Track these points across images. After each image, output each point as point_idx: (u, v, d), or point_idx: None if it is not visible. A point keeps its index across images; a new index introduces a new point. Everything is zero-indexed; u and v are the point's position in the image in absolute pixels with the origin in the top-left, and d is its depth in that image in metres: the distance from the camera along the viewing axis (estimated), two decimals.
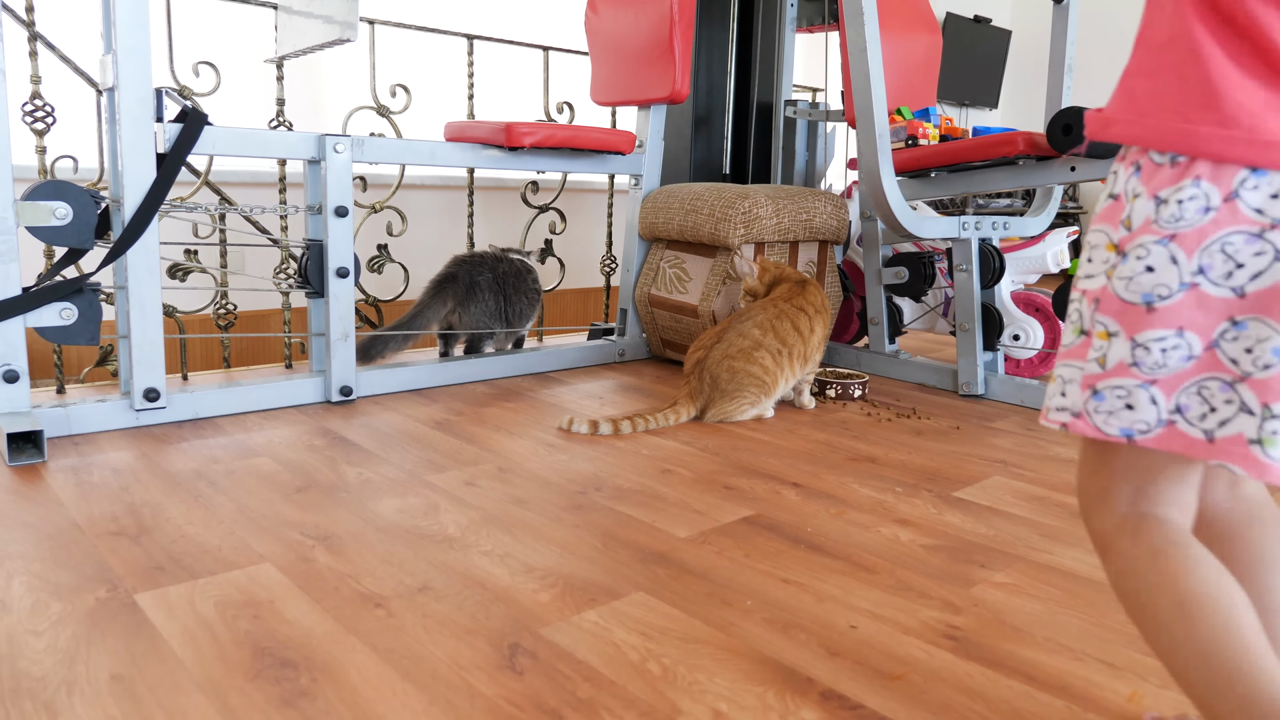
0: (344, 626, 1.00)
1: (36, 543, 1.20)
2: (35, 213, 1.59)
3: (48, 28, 2.62)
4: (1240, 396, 0.63)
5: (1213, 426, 0.64)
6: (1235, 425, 0.63)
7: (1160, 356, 0.65)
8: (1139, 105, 0.67)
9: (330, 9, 1.86)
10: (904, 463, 1.68)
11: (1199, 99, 0.63)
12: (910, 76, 2.63)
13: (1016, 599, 1.12)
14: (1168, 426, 0.66)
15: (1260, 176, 0.61)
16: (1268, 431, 0.62)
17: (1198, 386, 0.65)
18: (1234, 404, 0.63)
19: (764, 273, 2.08)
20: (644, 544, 1.26)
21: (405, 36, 3.42)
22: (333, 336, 1.95)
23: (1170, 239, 0.64)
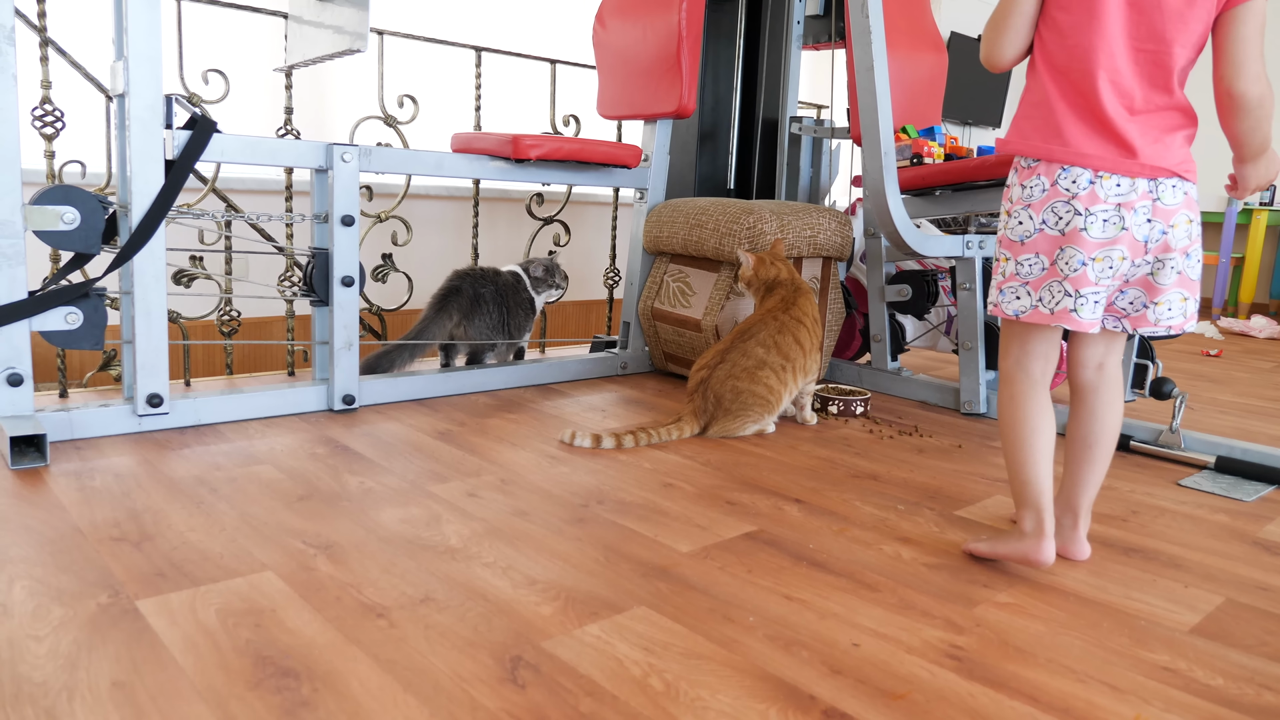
0: (346, 636, 1.00)
1: (38, 547, 1.19)
2: (43, 217, 1.60)
3: (59, 33, 2.64)
4: (1064, 288, 1.19)
5: (1053, 306, 1.20)
6: (1064, 304, 1.20)
7: (1028, 269, 1.22)
8: (1023, 134, 1.23)
9: (341, 19, 1.87)
10: (906, 480, 1.68)
11: (1050, 132, 1.20)
12: (916, 95, 2.65)
13: (1019, 619, 1.12)
14: (1033, 310, 1.22)
15: (1069, 171, 1.18)
16: (1078, 304, 1.19)
17: (1047, 285, 1.21)
18: (1062, 292, 1.19)
19: (762, 267, 2.06)
20: (646, 558, 1.26)
21: (414, 47, 3.44)
22: (336, 345, 1.95)
23: (1027, 206, 1.22)
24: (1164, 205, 1.17)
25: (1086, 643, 1.07)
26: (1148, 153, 1.16)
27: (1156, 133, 1.17)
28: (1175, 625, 1.13)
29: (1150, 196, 1.17)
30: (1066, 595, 1.20)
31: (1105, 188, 1.16)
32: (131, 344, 1.72)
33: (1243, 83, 1.14)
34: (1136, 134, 1.16)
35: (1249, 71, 1.14)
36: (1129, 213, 1.17)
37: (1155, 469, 1.83)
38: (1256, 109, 1.15)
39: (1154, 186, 1.17)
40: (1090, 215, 1.17)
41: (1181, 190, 1.18)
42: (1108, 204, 1.17)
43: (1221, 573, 1.30)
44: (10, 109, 1.54)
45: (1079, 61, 1.17)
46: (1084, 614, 1.14)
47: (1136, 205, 1.17)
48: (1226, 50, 1.15)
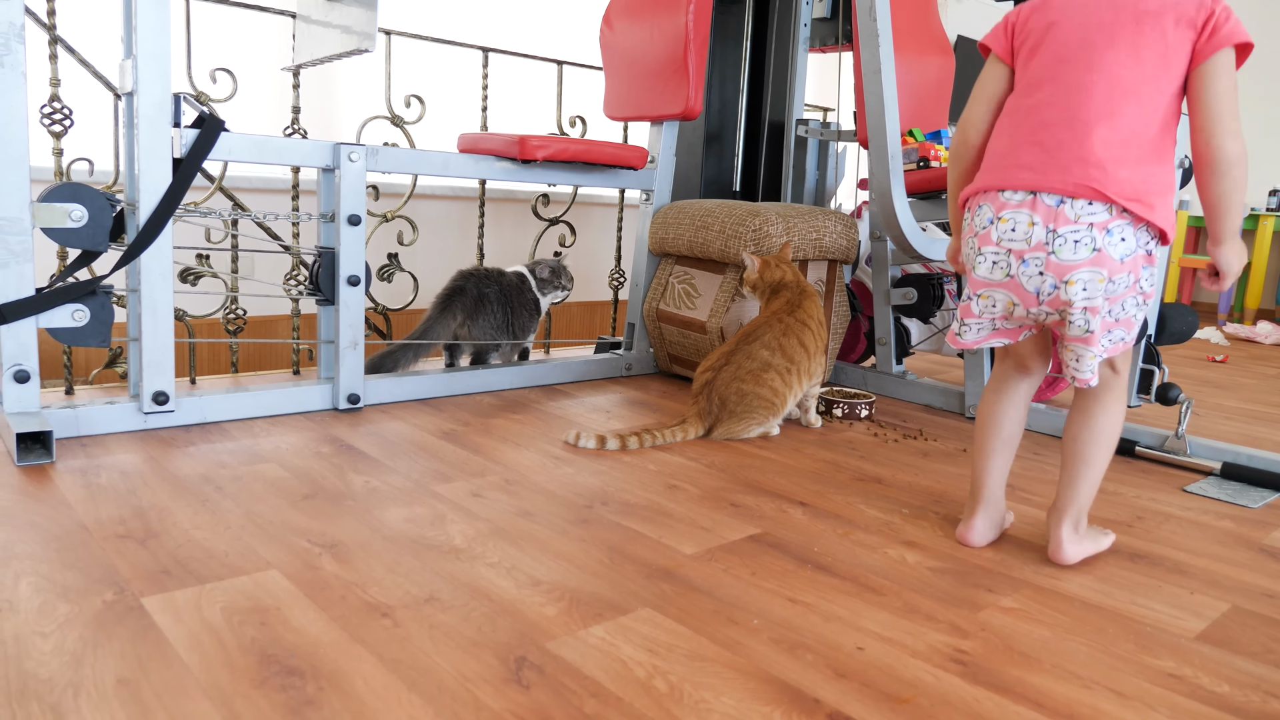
0: (350, 635, 1.00)
1: (44, 543, 1.20)
2: (51, 214, 1.60)
3: (68, 31, 2.64)
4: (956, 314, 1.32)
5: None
6: (954, 326, 1.32)
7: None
8: (980, 177, 1.27)
9: (349, 19, 1.87)
10: (911, 484, 1.68)
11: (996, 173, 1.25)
12: (923, 98, 2.64)
13: (1024, 624, 1.12)
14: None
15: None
16: (961, 329, 1.31)
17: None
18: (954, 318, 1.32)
19: (768, 270, 2.05)
20: (650, 560, 1.25)
21: (421, 48, 3.44)
22: (342, 344, 1.96)
23: (974, 236, 1.26)
24: (1059, 260, 1.17)
25: (1091, 648, 1.06)
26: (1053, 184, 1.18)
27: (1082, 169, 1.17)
28: (1181, 632, 1.12)
29: (1044, 248, 1.17)
30: (1071, 600, 1.20)
31: (999, 229, 1.21)
32: (138, 341, 1.72)
33: (1220, 138, 1.14)
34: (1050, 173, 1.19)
35: (1226, 127, 1.14)
36: (1015, 260, 1.20)
37: (1161, 475, 1.82)
38: (1235, 166, 1.14)
39: (1050, 238, 1.17)
40: (980, 255, 1.24)
41: (1090, 245, 1.16)
42: (999, 246, 1.21)
43: (1227, 579, 1.30)
44: (19, 107, 1.54)
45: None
46: (1089, 619, 1.14)
47: (1027, 256, 1.19)
48: (1202, 107, 1.16)
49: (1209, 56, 1.15)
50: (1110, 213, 1.16)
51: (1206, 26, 1.15)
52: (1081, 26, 1.23)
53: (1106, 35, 1.20)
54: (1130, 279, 1.19)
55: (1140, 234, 1.18)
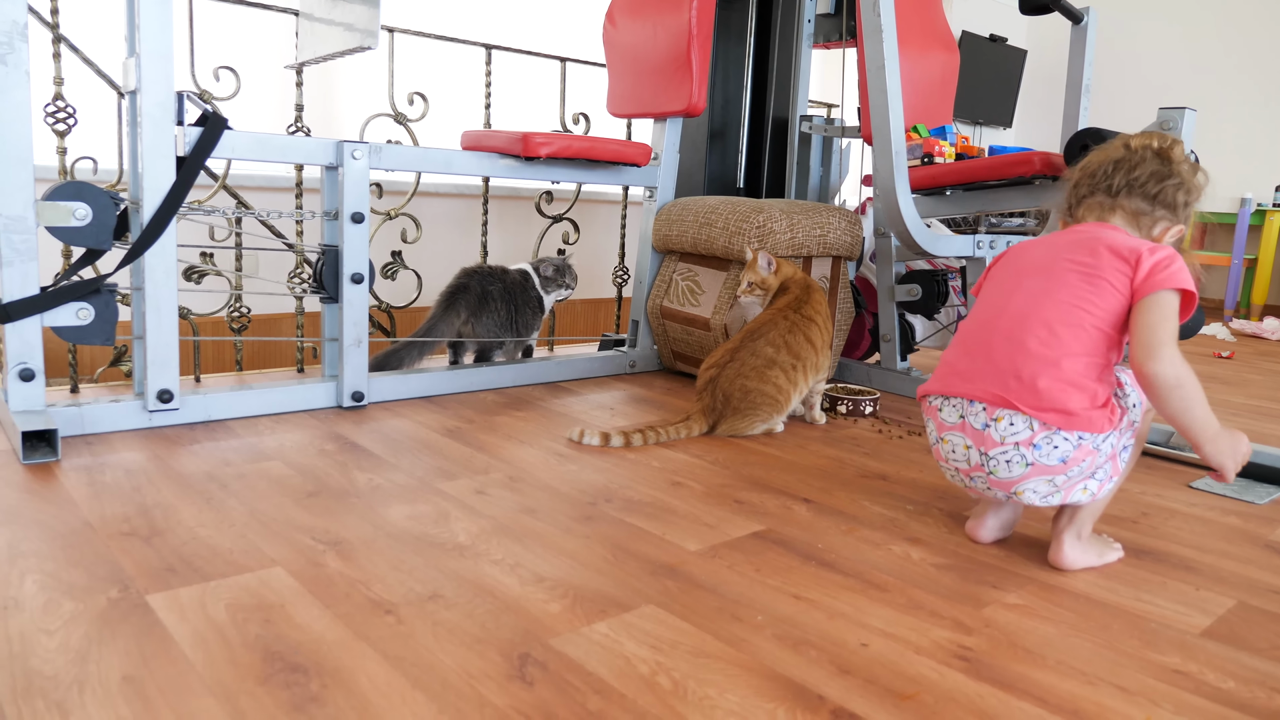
0: (354, 633, 1.00)
1: (49, 541, 1.20)
2: (55, 213, 1.60)
3: (71, 29, 2.65)
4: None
5: None
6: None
7: None
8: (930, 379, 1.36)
9: (352, 17, 1.87)
10: (915, 481, 1.67)
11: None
12: (927, 94, 2.64)
13: (1028, 621, 1.11)
14: None
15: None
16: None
17: None
18: None
19: (772, 275, 2.05)
20: (654, 556, 1.25)
21: (424, 45, 3.44)
22: (346, 342, 1.96)
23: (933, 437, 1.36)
24: (1000, 479, 1.25)
25: (1096, 645, 1.06)
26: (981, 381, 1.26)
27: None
28: (1186, 628, 1.12)
29: (982, 469, 1.26)
30: (1076, 597, 1.19)
31: (945, 449, 1.32)
32: (142, 340, 1.73)
33: (1151, 364, 1.15)
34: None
35: (1158, 354, 1.15)
36: (963, 477, 1.31)
37: (1166, 471, 1.82)
38: (1174, 390, 1.15)
39: (985, 460, 1.25)
40: (941, 462, 1.35)
41: (1022, 462, 1.22)
42: (948, 464, 1.32)
43: (1233, 575, 1.30)
44: (23, 106, 1.54)
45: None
46: (1094, 616, 1.14)
47: (972, 474, 1.28)
48: (1135, 335, 1.19)
49: (1143, 296, 1.19)
50: (1032, 427, 1.20)
51: (1139, 267, 1.20)
52: (1027, 256, 1.32)
53: (1045, 259, 1.28)
54: (1084, 466, 1.21)
55: (1075, 437, 1.19)
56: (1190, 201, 1.31)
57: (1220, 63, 5.41)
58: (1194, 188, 1.30)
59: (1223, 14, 5.42)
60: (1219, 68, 5.42)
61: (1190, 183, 1.30)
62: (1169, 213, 1.30)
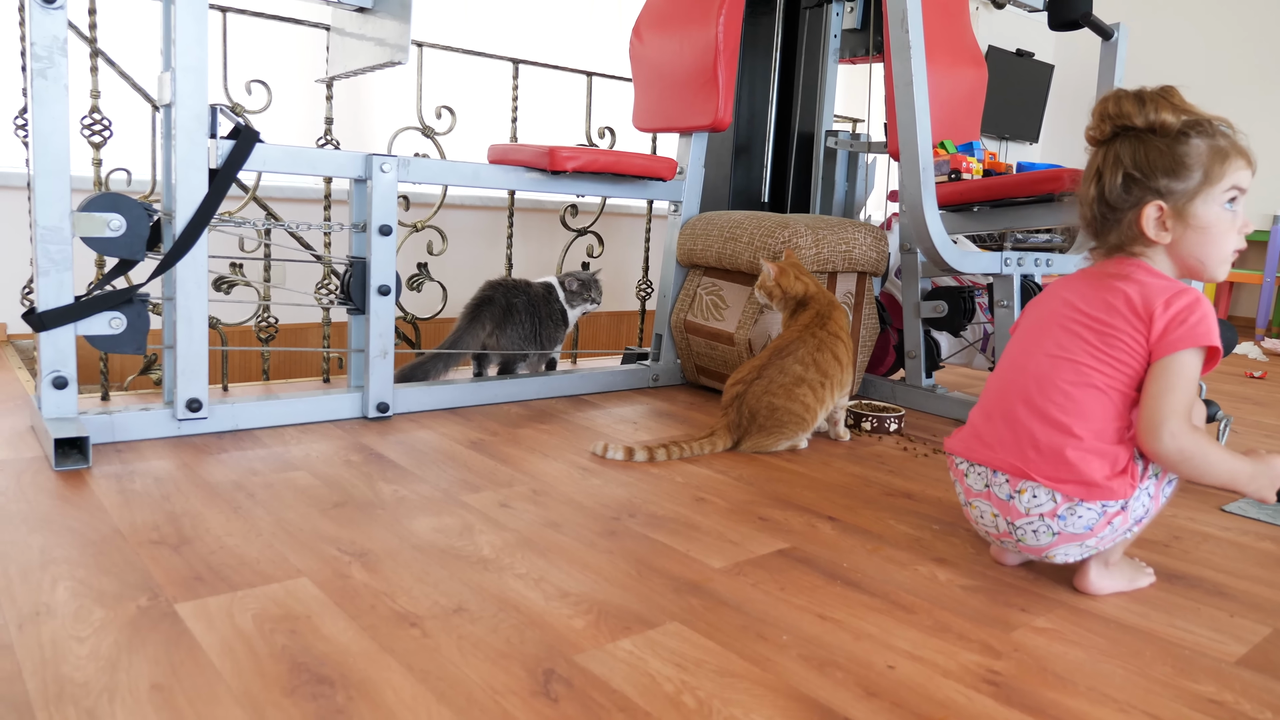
0: (380, 645, 1.00)
1: (81, 548, 1.21)
2: (90, 223, 1.63)
3: (108, 44, 2.69)
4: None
5: None
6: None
7: None
8: (955, 435, 1.35)
9: (383, 32, 1.90)
10: (941, 500, 1.66)
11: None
12: (955, 110, 2.63)
13: (1058, 645, 1.10)
14: None
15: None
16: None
17: None
18: None
19: (784, 278, 2.00)
20: (678, 573, 1.25)
21: (452, 59, 3.47)
22: (372, 353, 1.97)
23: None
24: (1029, 545, 1.23)
25: (1128, 671, 1.05)
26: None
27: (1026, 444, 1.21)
28: (1221, 656, 1.10)
29: (1010, 536, 1.24)
30: (1107, 622, 1.18)
31: (974, 513, 1.30)
32: (172, 349, 1.75)
33: (1151, 443, 1.12)
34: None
35: (1159, 432, 1.11)
36: (995, 540, 1.29)
37: (1198, 494, 1.79)
38: (1182, 465, 1.13)
39: (1012, 529, 1.23)
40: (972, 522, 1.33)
41: (1049, 532, 1.20)
42: (978, 525, 1.30)
43: (1268, 602, 1.27)
44: (61, 118, 1.57)
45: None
46: (1125, 642, 1.12)
47: (1003, 539, 1.26)
48: (1141, 406, 1.15)
49: (1158, 358, 1.14)
50: (1054, 499, 1.18)
51: (1153, 325, 1.14)
52: (1050, 305, 1.26)
53: (1065, 314, 1.22)
54: (1116, 527, 1.19)
55: (1100, 506, 1.17)
56: (1177, 165, 1.15)
57: (1250, 78, 5.36)
58: (1158, 155, 1.15)
59: (1253, 29, 5.36)
60: (1249, 84, 5.36)
61: (1155, 153, 1.15)
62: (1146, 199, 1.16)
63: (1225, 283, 5.28)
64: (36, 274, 1.60)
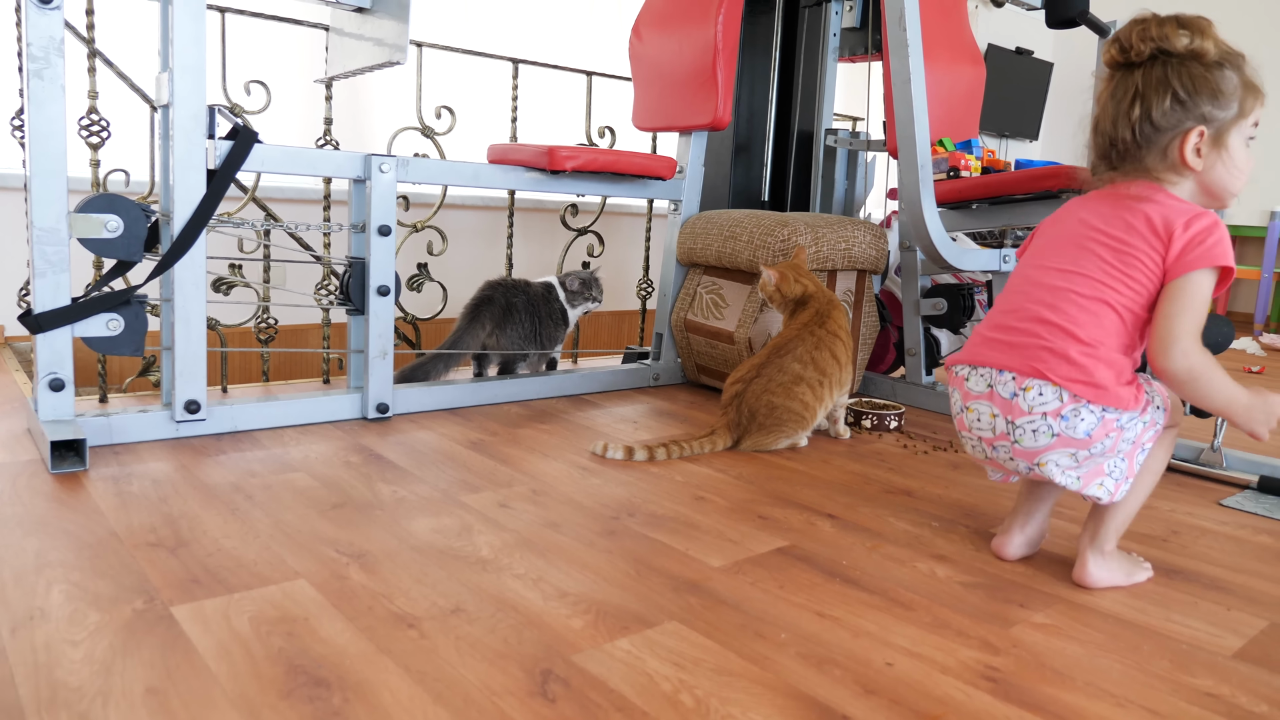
0: (377, 646, 1.00)
1: (76, 551, 1.21)
2: (87, 225, 1.63)
3: (105, 44, 2.69)
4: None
5: None
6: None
7: None
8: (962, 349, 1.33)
9: (381, 32, 1.89)
10: (941, 497, 1.65)
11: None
12: (953, 108, 2.62)
13: (1057, 640, 1.10)
14: None
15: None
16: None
17: None
18: None
19: (785, 283, 2.01)
20: (677, 572, 1.25)
21: (451, 59, 3.47)
22: (371, 353, 1.97)
23: (955, 409, 1.34)
24: (1024, 448, 1.23)
25: (1126, 666, 1.04)
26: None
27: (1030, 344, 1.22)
28: (1218, 649, 1.10)
29: (1007, 438, 1.24)
30: (1105, 617, 1.17)
31: (969, 418, 1.29)
32: (171, 350, 1.74)
33: (1163, 360, 1.14)
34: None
35: (1171, 350, 1.13)
36: (987, 447, 1.28)
37: (1196, 488, 1.79)
38: (1189, 384, 1.14)
39: (1010, 429, 1.23)
40: (962, 433, 1.33)
41: (1049, 432, 1.19)
42: (971, 433, 1.30)
43: (1265, 596, 1.27)
44: (58, 119, 1.57)
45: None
46: (1123, 636, 1.12)
47: (995, 443, 1.26)
48: (1153, 325, 1.17)
49: (1173, 278, 1.16)
50: (1061, 398, 1.18)
51: (1172, 244, 1.15)
52: (1066, 225, 1.27)
53: (1082, 233, 1.24)
54: (1107, 444, 1.19)
55: (1100, 410, 1.18)
56: (1215, 89, 1.16)
57: None
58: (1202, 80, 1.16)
59: (1248, 27, 5.35)
60: None
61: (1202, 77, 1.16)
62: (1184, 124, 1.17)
63: None
64: (33, 275, 1.60)
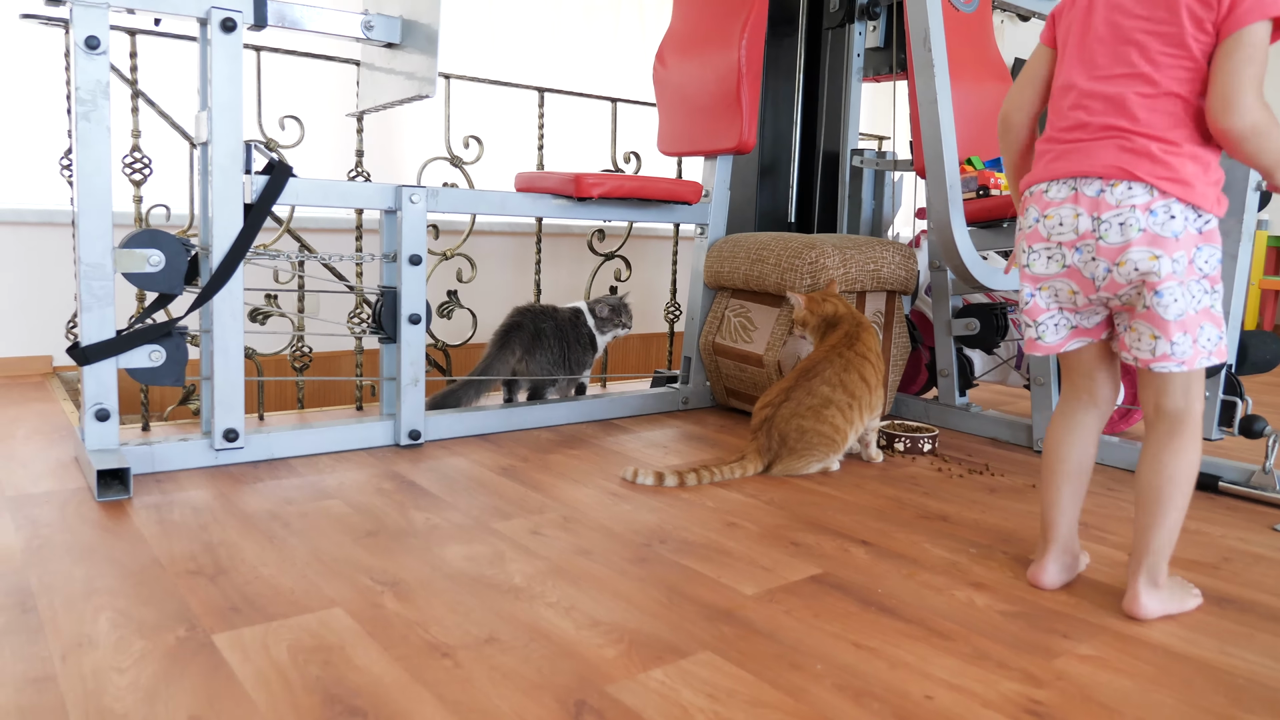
0: (412, 675, 1.00)
1: (122, 578, 1.23)
2: (131, 260, 1.67)
3: (147, 84, 2.76)
4: (1023, 318, 1.32)
5: (1026, 335, 1.32)
6: (1028, 333, 1.32)
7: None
8: (1032, 169, 1.30)
9: (411, 66, 1.93)
10: (977, 522, 1.63)
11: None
12: (981, 125, 2.61)
13: (1103, 673, 1.08)
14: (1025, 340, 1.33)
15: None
16: (1040, 331, 1.30)
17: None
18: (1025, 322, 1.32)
19: (815, 304, 2.02)
20: (710, 600, 1.24)
21: (479, 90, 3.52)
22: (403, 381, 1.99)
23: (1024, 236, 1.29)
24: (1107, 244, 1.18)
25: (1178, 701, 1.02)
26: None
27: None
28: (1276, 684, 1.07)
29: (1092, 235, 1.20)
30: (1154, 648, 1.15)
31: (1047, 225, 1.24)
32: (210, 380, 1.78)
33: (1226, 119, 1.12)
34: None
35: (1235, 107, 1.11)
36: (1069, 251, 1.22)
37: (1248, 512, 1.75)
38: (1253, 139, 1.12)
39: (1095, 225, 1.19)
40: (1032, 252, 1.27)
41: (1135, 226, 1.16)
42: (1049, 241, 1.24)
43: None
44: (104, 158, 1.61)
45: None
46: (1174, 670, 1.09)
47: (1078, 244, 1.21)
48: (1211, 85, 1.14)
49: (1226, 35, 1.13)
50: (1150, 194, 1.16)
51: (1221, 3, 1.13)
52: (1093, 21, 1.24)
53: (1117, 32, 1.21)
54: (1185, 258, 1.16)
55: (1188, 212, 1.16)
56: None
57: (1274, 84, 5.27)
58: None
59: None
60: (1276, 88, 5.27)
61: None
62: None
63: (1269, 291, 5.18)
64: (80, 309, 1.64)
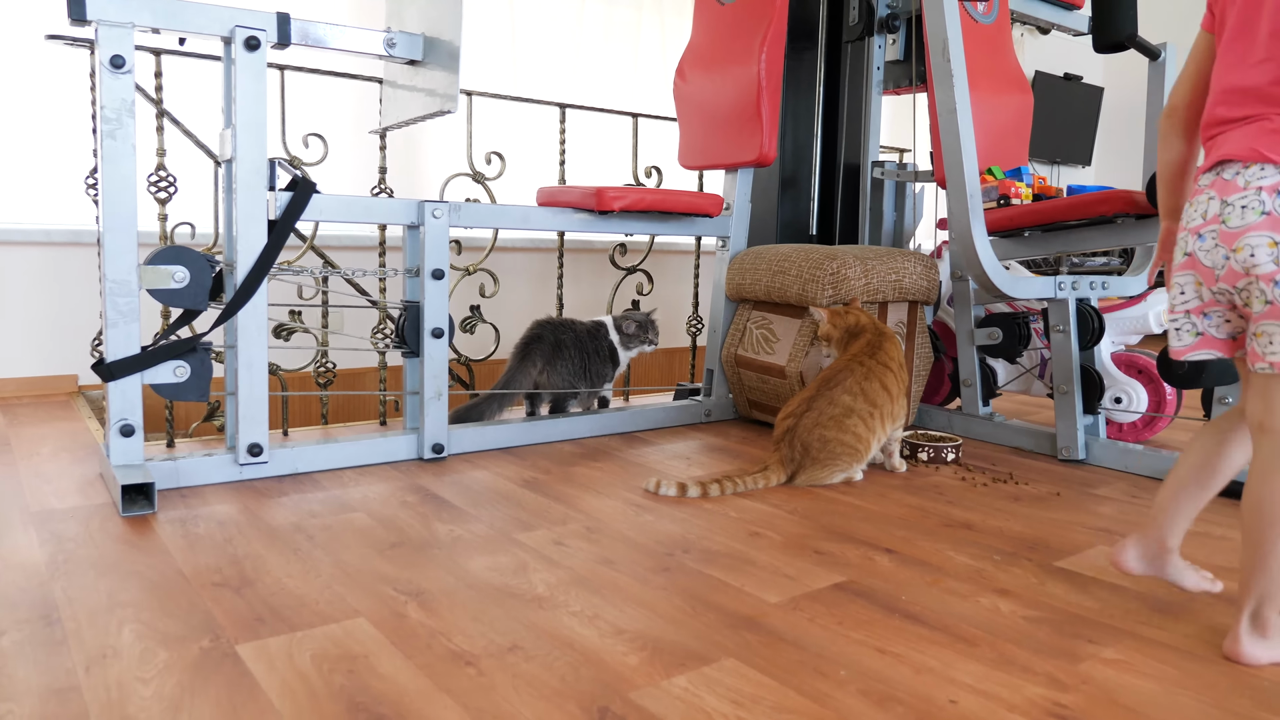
0: (436, 684, 1.01)
1: (146, 591, 1.25)
2: (156, 276, 1.69)
3: (172, 103, 2.81)
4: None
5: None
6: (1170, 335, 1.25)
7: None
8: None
9: (433, 83, 1.95)
10: (1001, 529, 1.62)
11: None
12: (1001, 137, 2.60)
13: (1128, 677, 1.06)
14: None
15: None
16: (1176, 332, 1.23)
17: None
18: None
19: (837, 316, 2.04)
20: (734, 608, 1.24)
21: (500, 106, 3.55)
22: (427, 395, 2.00)
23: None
24: (1228, 228, 1.14)
25: (1204, 704, 1.00)
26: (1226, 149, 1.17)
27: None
28: None
29: (1217, 220, 1.16)
30: (1179, 652, 1.13)
31: (1187, 215, 1.21)
32: (234, 396, 1.80)
33: None
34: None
35: None
36: (1193, 238, 1.18)
37: None
38: None
39: (1222, 209, 1.15)
40: (1177, 244, 1.23)
41: (1258, 209, 1.11)
42: (1186, 230, 1.20)
43: None
44: (129, 177, 1.64)
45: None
46: (1199, 673, 1.08)
47: (1203, 230, 1.17)
48: None
49: None
50: None
51: None
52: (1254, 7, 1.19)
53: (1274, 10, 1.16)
54: None
55: None
56: None
57: None
58: None
59: None
60: None
61: None
62: None
63: None
64: (105, 326, 1.66)
